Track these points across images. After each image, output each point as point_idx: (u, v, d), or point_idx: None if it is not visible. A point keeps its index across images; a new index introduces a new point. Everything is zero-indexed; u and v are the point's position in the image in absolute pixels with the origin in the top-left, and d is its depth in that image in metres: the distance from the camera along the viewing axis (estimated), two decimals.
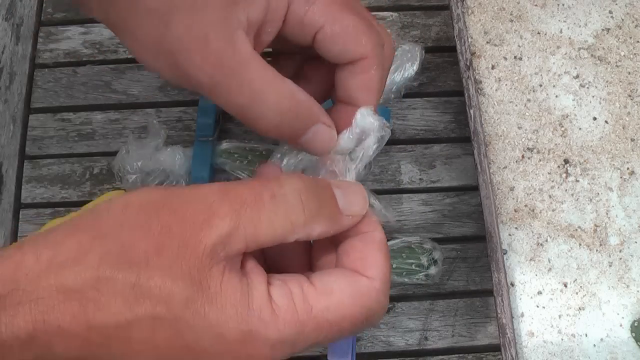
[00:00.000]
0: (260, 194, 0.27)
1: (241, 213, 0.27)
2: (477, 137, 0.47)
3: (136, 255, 0.26)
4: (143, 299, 0.25)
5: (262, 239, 0.27)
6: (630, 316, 0.45)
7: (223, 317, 0.26)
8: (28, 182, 0.54)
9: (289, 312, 0.27)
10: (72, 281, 0.25)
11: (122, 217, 0.27)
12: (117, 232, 0.26)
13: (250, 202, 0.27)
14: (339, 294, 0.28)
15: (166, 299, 0.25)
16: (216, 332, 0.26)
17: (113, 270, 0.25)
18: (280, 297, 0.27)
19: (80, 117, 0.56)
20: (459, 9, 0.51)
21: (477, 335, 0.49)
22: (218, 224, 0.26)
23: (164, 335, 0.26)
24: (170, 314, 0.25)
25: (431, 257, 0.49)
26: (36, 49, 0.59)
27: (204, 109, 0.54)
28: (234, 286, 0.26)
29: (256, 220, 0.27)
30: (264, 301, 0.27)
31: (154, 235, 0.26)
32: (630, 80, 0.50)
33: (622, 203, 0.47)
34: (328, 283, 0.28)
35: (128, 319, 0.25)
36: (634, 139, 0.49)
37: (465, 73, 0.49)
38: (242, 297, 0.26)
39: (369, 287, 0.28)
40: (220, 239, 0.26)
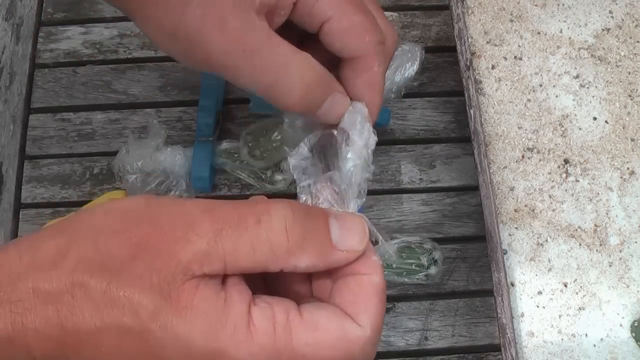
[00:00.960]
0: (245, 216, 0.26)
1: (222, 233, 0.26)
2: (477, 137, 0.47)
3: (110, 263, 0.25)
4: (112, 307, 0.25)
5: (241, 263, 0.26)
6: (630, 316, 0.45)
7: (192, 331, 0.25)
8: (28, 182, 0.54)
9: (266, 337, 0.26)
10: (48, 285, 0.25)
11: (103, 222, 0.26)
12: (96, 238, 0.26)
13: (233, 224, 0.26)
14: (323, 333, 0.26)
15: (134, 309, 0.25)
16: (183, 346, 0.25)
17: (87, 276, 0.25)
18: (260, 320, 0.26)
19: (80, 117, 0.56)
20: (459, 9, 0.51)
21: (477, 335, 0.49)
22: (195, 240, 0.25)
23: (131, 344, 0.25)
24: (138, 325, 0.25)
25: (431, 257, 0.49)
26: (36, 49, 0.59)
27: (204, 109, 0.54)
28: (207, 302, 0.25)
29: (236, 242, 0.26)
30: (240, 320, 0.25)
31: (131, 244, 0.26)
32: (630, 80, 0.50)
33: (622, 203, 0.47)
34: (316, 317, 0.27)
35: (98, 326, 0.25)
36: (634, 139, 0.49)
37: (465, 73, 0.49)
38: (215, 313, 0.25)
39: (357, 334, 0.27)
40: (196, 257, 0.25)
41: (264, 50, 0.31)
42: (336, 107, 0.34)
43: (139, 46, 0.58)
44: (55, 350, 0.26)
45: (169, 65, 0.58)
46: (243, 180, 0.53)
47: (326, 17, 0.33)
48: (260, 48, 0.31)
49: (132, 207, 0.27)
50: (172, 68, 0.58)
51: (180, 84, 0.57)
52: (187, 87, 0.57)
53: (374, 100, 0.35)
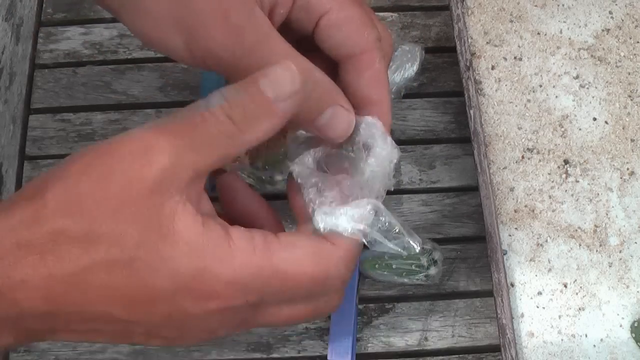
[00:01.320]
0: (191, 119, 0.27)
1: (178, 142, 0.27)
2: (477, 137, 0.47)
3: (86, 201, 0.26)
4: (97, 244, 0.26)
5: (207, 161, 0.27)
6: (630, 316, 0.45)
7: (176, 253, 0.26)
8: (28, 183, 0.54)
9: (246, 254, 0.27)
10: (30, 236, 0.26)
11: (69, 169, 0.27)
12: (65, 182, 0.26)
13: (184, 130, 0.27)
14: (301, 250, 0.28)
15: (118, 240, 0.26)
16: (170, 268, 0.26)
17: (65, 220, 0.26)
18: (239, 239, 0.27)
19: (80, 118, 0.56)
20: (458, 9, 0.51)
21: (477, 336, 0.49)
22: (157, 158, 0.26)
23: (120, 277, 0.26)
24: (125, 255, 0.26)
25: (431, 257, 0.49)
26: (36, 49, 0.59)
27: None
28: (187, 222, 0.26)
29: (194, 145, 0.27)
30: (220, 239, 0.27)
31: (98, 180, 0.26)
32: (630, 80, 0.50)
33: (622, 203, 0.47)
34: (292, 239, 0.28)
35: (85, 264, 0.26)
36: (634, 140, 0.49)
37: (465, 73, 0.49)
38: (196, 233, 0.26)
39: (331, 251, 0.29)
40: (163, 173, 0.26)
41: (265, 47, 0.31)
42: (338, 121, 0.32)
43: (139, 47, 0.58)
44: (44, 301, 0.26)
45: (169, 66, 0.58)
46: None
47: (325, 10, 0.33)
48: (261, 44, 0.31)
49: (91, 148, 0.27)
50: (172, 68, 0.58)
51: (180, 85, 0.57)
52: (187, 88, 0.57)
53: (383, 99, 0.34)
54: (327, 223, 0.30)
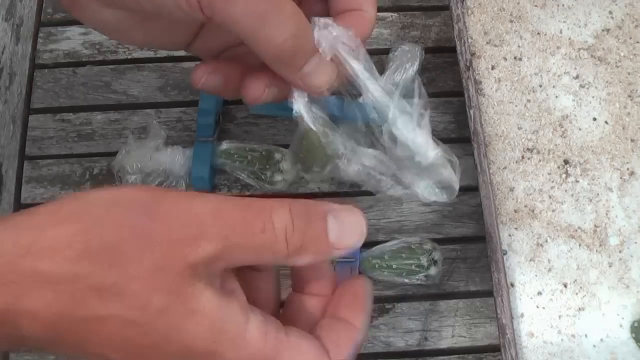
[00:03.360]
0: (252, 224, 0.27)
1: (230, 239, 0.27)
2: (477, 137, 0.47)
3: (117, 256, 0.26)
4: (119, 300, 0.25)
5: (246, 262, 0.28)
6: (630, 317, 0.45)
7: (196, 333, 0.26)
8: (28, 183, 0.54)
9: (258, 346, 0.27)
10: (48, 271, 0.25)
11: (107, 213, 0.26)
12: (101, 228, 0.26)
13: (239, 230, 0.27)
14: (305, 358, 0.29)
15: (142, 305, 0.26)
16: (185, 345, 0.26)
17: (92, 267, 0.25)
18: (255, 329, 0.28)
19: (80, 118, 0.56)
20: (458, 9, 0.51)
21: (477, 336, 0.49)
22: (206, 246, 0.26)
23: (132, 336, 0.26)
24: (143, 320, 0.26)
25: (431, 257, 0.49)
26: (36, 49, 0.59)
27: (203, 109, 0.54)
28: (212, 306, 0.27)
29: (243, 249, 0.27)
30: (239, 328, 0.27)
31: (138, 239, 0.26)
32: (630, 80, 0.50)
33: (622, 203, 0.47)
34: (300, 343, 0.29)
35: (100, 315, 0.25)
36: (634, 140, 0.49)
37: (465, 73, 0.49)
38: (219, 317, 0.27)
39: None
40: (204, 260, 0.26)
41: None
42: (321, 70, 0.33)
43: (138, 46, 0.58)
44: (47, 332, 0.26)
45: (169, 66, 0.58)
46: (243, 181, 0.53)
47: None
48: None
49: (138, 199, 0.27)
50: (172, 68, 0.58)
51: (180, 85, 0.57)
52: (187, 88, 0.57)
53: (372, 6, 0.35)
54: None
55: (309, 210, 0.29)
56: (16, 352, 0.49)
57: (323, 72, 0.33)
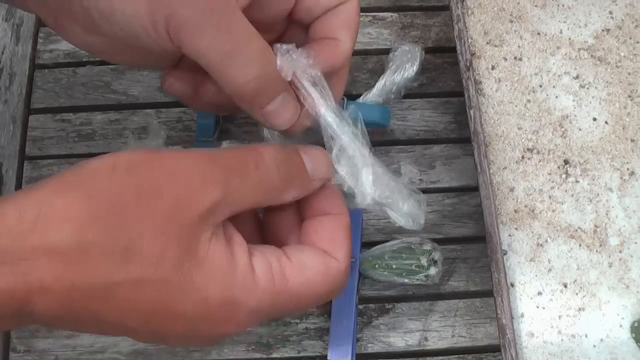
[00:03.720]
0: (246, 163, 0.29)
1: (231, 181, 0.28)
2: (477, 137, 0.47)
3: (126, 217, 0.26)
4: (133, 261, 0.25)
5: (245, 206, 0.29)
6: (630, 317, 0.45)
7: (209, 281, 0.27)
8: (28, 183, 0.54)
9: (267, 283, 0.28)
10: (58, 242, 0.25)
11: (110, 177, 0.26)
12: (106, 193, 0.26)
13: (237, 171, 0.28)
14: (312, 272, 0.30)
15: (157, 260, 0.26)
16: (201, 296, 0.27)
17: (102, 231, 0.25)
18: (260, 268, 0.29)
19: (80, 118, 0.56)
20: (458, 9, 0.51)
21: (477, 336, 0.49)
22: (212, 191, 0.27)
23: (147, 296, 0.26)
24: (158, 276, 0.26)
25: (431, 257, 0.49)
26: (36, 49, 0.59)
27: None
28: (220, 253, 0.27)
29: (243, 188, 0.28)
30: (247, 270, 0.28)
31: (145, 196, 0.26)
32: (630, 80, 0.50)
33: (622, 204, 0.47)
34: (303, 260, 0.30)
35: (115, 280, 0.25)
36: (634, 140, 0.49)
37: (465, 74, 0.49)
38: (228, 264, 0.27)
39: (337, 268, 0.31)
40: (211, 206, 0.27)
41: (233, 16, 0.30)
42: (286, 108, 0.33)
43: None
44: (59, 306, 0.25)
45: None
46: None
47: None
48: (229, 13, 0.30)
49: (138, 159, 0.27)
50: None
51: None
52: None
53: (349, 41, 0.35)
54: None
55: (286, 148, 0.31)
56: (16, 353, 0.49)
57: (285, 112, 0.33)
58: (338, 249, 0.31)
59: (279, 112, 0.33)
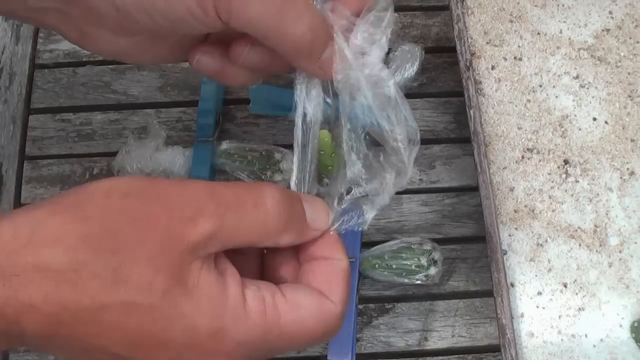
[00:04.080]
0: (244, 200, 0.29)
1: (225, 216, 0.28)
2: (477, 137, 0.47)
3: (119, 241, 0.26)
4: (122, 285, 0.26)
5: (238, 243, 0.29)
6: (630, 317, 0.45)
7: (198, 311, 0.27)
8: (28, 183, 0.54)
9: (259, 316, 0.28)
10: (50, 261, 0.25)
11: (106, 201, 0.27)
12: (100, 216, 0.26)
13: (234, 207, 0.28)
14: (305, 310, 0.29)
15: (146, 287, 0.26)
16: (189, 325, 0.27)
17: (94, 254, 0.25)
18: (253, 300, 0.28)
19: (80, 118, 0.56)
20: (458, 9, 0.51)
21: (477, 336, 0.49)
22: (203, 223, 0.27)
23: (135, 321, 0.26)
24: (147, 302, 0.26)
25: (431, 257, 0.49)
26: (36, 49, 0.59)
27: (203, 109, 0.54)
28: (210, 283, 0.27)
29: (238, 225, 0.28)
30: (238, 301, 0.28)
31: (139, 223, 0.26)
32: (630, 80, 0.50)
33: (622, 203, 0.47)
34: (297, 298, 0.30)
35: (103, 303, 0.25)
36: (634, 140, 0.49)
37: (465, 73, 0.49)
38: (218, 294, 0.27)
39: (332, 310, 0.30)
40: (202, 238, 0.27)
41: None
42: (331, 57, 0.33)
43: None
44: (48, 326, 0.25)
45: (169, 66, 0.58)
46: (243, 181, 0.53)
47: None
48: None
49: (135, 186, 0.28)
50: (172, 68, 0.58)
51: (180, 85, 0.57)
52: (187, 88, 0.57)
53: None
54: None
55: (290, 193, 0.32)
56: (16, 353, 0.49)
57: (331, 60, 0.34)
58: (334, 291, 0.31)
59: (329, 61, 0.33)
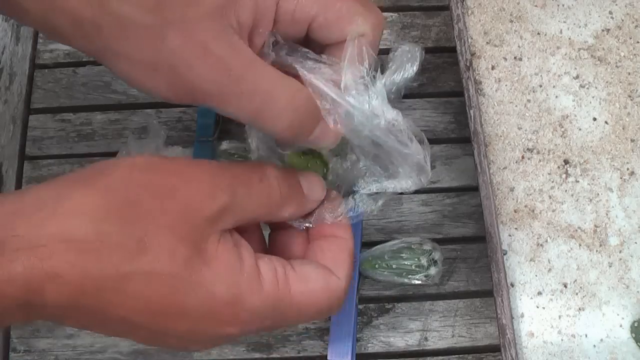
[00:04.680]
0: (251, 176, 0.31)
1: (237, 190, 0.30)
2: (477, 137, 0.47)
3: (142, 212, 0.27)
4: (145, 255, 0.27)
5: (247, 216, 0.31)
6: (630, 317, 0.45)
7: (217, 279, 0.28)
8: (28, 183, 0.54)
9: (272, 286, 0.30)
10: (75, 231, 0.26)
11: (128, 175, 0.28)
12: (124, 189, 0.27)
13: (244, 182, 0.30)
14: (314, 284, 0.31)
15: (168, 255, 0.27)
16: (208, 291, 0.28)
17: (118, 224, 0.26)
18: (266, 271, 0.30)
19: (80, 118, 0.56)
20: (459, 9, 0.51)
21: (477, 336, 0.49)
22: (220, 196, 0.29)
23: (157, 290, 0.27)
24: (168, 270, 0.27)
25: (431, 257, 0.49)
26: (36, 49, 0.59)
27: (203, 109, 0.54)
28: (228, 253, 0.29)
29: (247, 199, 0.30)
30: (253, 271, 0.29)
31: (160, 195, 0.28)
32: (630, 80, 0.50)
33: (622, 204, 0.47)
34: (306, 272, 0.32)
35: (127, 271, 0.26)
36: (634, 140, 0.49)
37: (465, 73, 0.49)
38: (235, 263, 0.29)
39: (338, 285, 0.32)
40: (219, 211, 0.29)
41: (250, 75, 0.30)
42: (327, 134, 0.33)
43: None
44: (70, 296, 0.26)
45: None
46: None
47: (311, 17, 0.32)
48: (245, 73, 0.30)
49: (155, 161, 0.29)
50: None
51: None
52: None
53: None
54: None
55: (286, 169, 0.34)
56: (16, 352, 0.49)
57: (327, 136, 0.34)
58: (340, 268, 0.33)
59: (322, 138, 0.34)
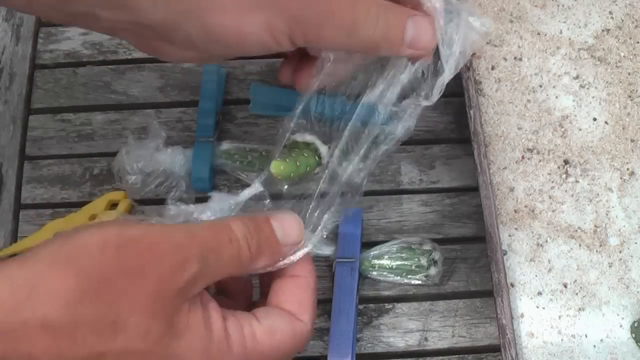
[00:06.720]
0: (220, 238, 0.31)
1: (207, 257, 0.30)
2: (477, 137, 0.47)
3: (116, 292, 0.28)
4: (120, 333, 0.27)
5: (219, 277, 0.32)
6: (630, 317, 0.45)
7: (189, 350, 0.29)
8: (28, 183, 0.54)
9: (240, 347, 0.31)
10: (49, 316, 0.26)
11: (101, 255, 0.28)
12: (97, 270, 0.28)
13: (213, 247, 0.31)
14: (281, 336, 0.32)
15: (142, 334, 0.28)
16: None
17: (92, 306, 0.27)
18: (234, 332, 0.31)
19: (80, 118, 0.56)
20: None
21: (477, 336, 0.49)
22: (190, 267, 0.29)
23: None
24: (143, 348, 0.28)
25: (431, 257, 0.49)
26: (36, 49, 0.59)
27: (204, 109, 0.54)
28: (198, 322, 0.30)
29: (218, 263, 0.31)
30: (222, 335, 0.30)
31: (132, 274, 0.28)
32: (630, 80, 0.50)
33: (622, 204, 0.47)
34: (271, 323, 0.32)
35: (102, 351, 0.27)
36: (634, 140, 0.49)
37: (465, 74, 0.49)
38: (204, 332, 0.30)
39: (303, 329, 0.33)
40: (190, 281, 0.29)
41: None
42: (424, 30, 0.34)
43: None
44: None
45: (169, 66, 0.58)
46: (243, 181, 0.53)
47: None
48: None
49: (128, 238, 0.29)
50: (172, 68, 0.58)
51: (180, 85, 0.57)
52: (187, 88, 0.57)
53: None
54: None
55: (255, 219, 0.33)
56: None
57: (424, 32, 0.34)
58: (304, 311, 0.34)
59: (419, 35, 0.34)
